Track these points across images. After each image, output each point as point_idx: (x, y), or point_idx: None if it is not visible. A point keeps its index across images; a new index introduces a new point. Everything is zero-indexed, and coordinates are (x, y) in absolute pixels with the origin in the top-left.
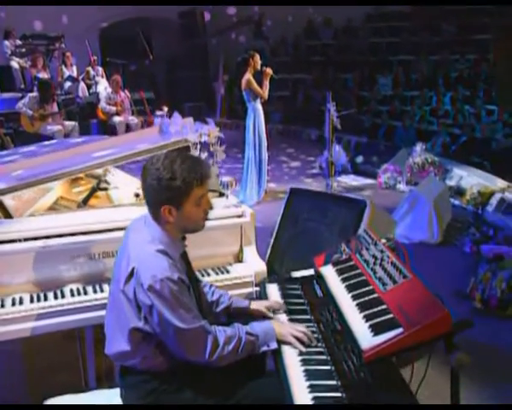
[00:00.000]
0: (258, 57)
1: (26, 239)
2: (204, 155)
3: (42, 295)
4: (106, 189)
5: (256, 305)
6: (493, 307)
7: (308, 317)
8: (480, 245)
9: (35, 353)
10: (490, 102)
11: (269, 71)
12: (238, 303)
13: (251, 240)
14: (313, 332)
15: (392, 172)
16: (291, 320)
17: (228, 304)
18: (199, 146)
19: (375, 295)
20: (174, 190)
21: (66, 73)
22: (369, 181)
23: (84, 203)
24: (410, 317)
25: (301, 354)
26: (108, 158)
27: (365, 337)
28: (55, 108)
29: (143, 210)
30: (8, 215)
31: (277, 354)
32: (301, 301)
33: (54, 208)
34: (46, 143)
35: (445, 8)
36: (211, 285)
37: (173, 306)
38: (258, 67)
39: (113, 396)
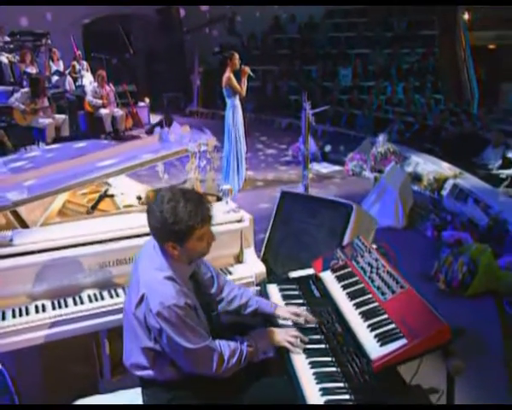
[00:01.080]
0: (237, 57)
1: (45, 250)
2: (203, 163)
3: (62, 302)
4: (113, 195)
5: (281, 311)
6: (455, 288)
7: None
8: (440, 230)
9: (52, 346)
10: (437, 92)
11: (247, 70)
12: (265, 308)
13: (250, 242)
14: (316, 334)
15: (358, 160)
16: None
17: (255, 307)
18: (198, 155)
19: (376, 304)
20: (177, 233)
21: (54, 67)
22: (337, 168)
23: (93, 209)
24: (412, 329)
25: (309, 356)
26: (115, 169)
27: (373, 347)
28: (46, 102)
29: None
30: (23, 223)
31: (286, 357)
32: (301, 301)
33: (62, 212)
34: (50, 147)
35: (397, 6)
36: (240, 287)
37: (180, 329)
38: (238, 65)
39: (135, 397)
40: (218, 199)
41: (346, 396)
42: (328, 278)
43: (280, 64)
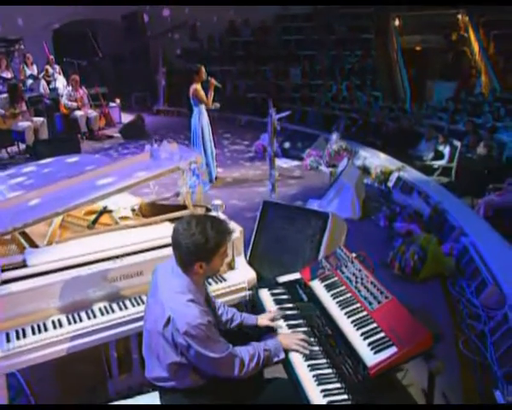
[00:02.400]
0: (203, 70)
1: (59, 270)
2: (193, 178)
3: (76, 317)
4: (111, 211)
5: (262, 320)
6: (409, 273)
7: (302, 322)
8: (391, 220)
9: None
10: (376, 90)
11: (214, 81)
12: (248, 320)
13: (240, 251)
14: (310, 336)
15: (314, 156)
16: (289, 326)
17: (240, 321)
18: (190, 172)
19: (365, 313)
20: (208, 251)
21: (28, 71)
22: (296, 163)
23: (93, 224)
24: (400, 338)
25: (307, 359)
26: (115, 187)
27: (367, 354)
28: (24, 106)
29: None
30: (31, 241)
31: (286, 361)
32: (291, 305)
33: (62, 226)
34: (44, 162)
35: (339, 11)
36: (224, 305)
37: (206, 343)
38: (204, 77)
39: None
40: (208, 210)
41: (345, 396)
42: (317, 287)
43: (237, 65)
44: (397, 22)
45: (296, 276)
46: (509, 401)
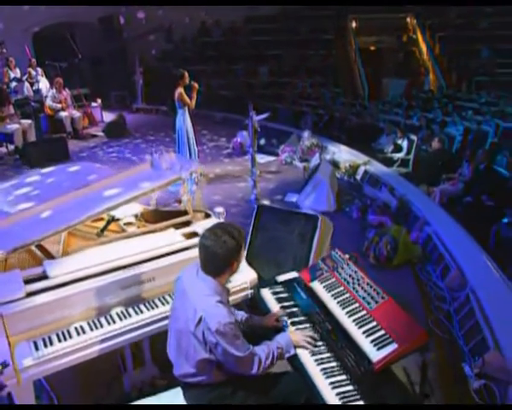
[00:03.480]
0: (187, 75)
1: (79, 280)
2: (194, 187)
3: (97, 322)
4: (119, 219)
5: (268, 319)
6: (383, 261)
7: (303, 318)
8: (363, 212)
9: None
10: (338, 87)
11: (196, 86)
12: (254, 320)
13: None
14: (314, 332)
15: (288, 152)
16: (292, 323)
17: (248, 321)
18: (191, 181)
19: (364, 312)
20: (239, 251)
21: (12, 74)
22: (272, 158)
23: (102, 232)
24: (399, 335)
25: (313, 354)
26: (124, 198)
27: (371, 351)
28: (11, 109)
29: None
30: (47, 253)
31: (294, 357)
32: (292, 303)
33: (71, 233)
34: (46, 171)
35: (301, 14)
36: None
37: (233, 341)
38: (187, 82)
39: (175, 397)
40: (206, 215)
41: (351, 387)
42: (317, 287)
43: (209, 64)
44: (354, 24)
45: (293, 275)
46: (475, 373)
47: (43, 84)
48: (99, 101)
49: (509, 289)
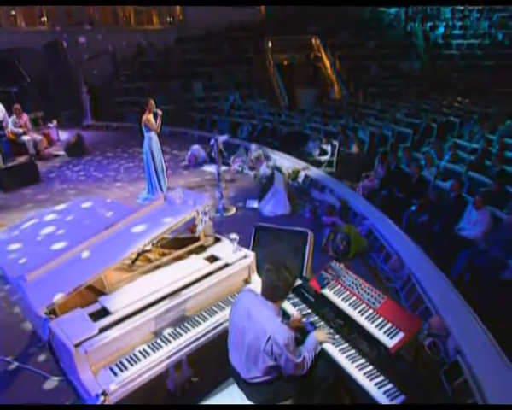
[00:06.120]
0: (152, 102)
1: (137, 312)
2: (205, 218)
3: (156, 344)
4: (148, 251)
5: (292, 323)
6: (340, 254)
7: (317, 318)
8: (315, 213)
9: None
10: (263, 98)
11: (160, 112)
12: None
13: (254, 269)
14: (329, 329)
15: (239, 162)
16: (310, 323)
17: None
18: (202, 214)
19: (372, 311)
20: (293, 284)
21: None
22: (224, 168)
23: (133, 263)
24: (403, 325)
25: (336, 346)
26: (154, 234)
27: (385, 339)
28: None
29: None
30: (97, 290)
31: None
32: (304, 306)
33: None
34: (60, 208)
35: (225, 35)
36: None
37: (293, 351)
38: (154, 109)
39: (235, 396)
40: (217, 239)
41: (371, 367)
42: (328, 293)
43: (148, 82)
44: (270, 44)
45: (298, 282)
46: (425, 334)
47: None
48: (55, 122)
49: (431, 265)
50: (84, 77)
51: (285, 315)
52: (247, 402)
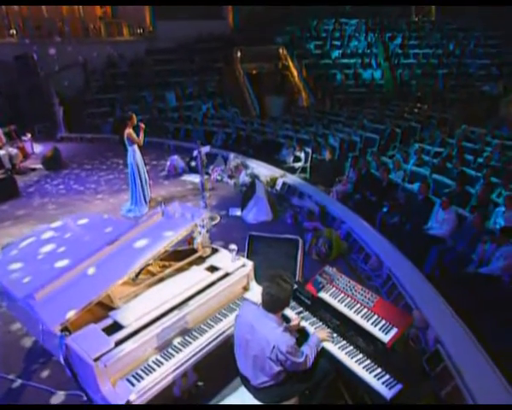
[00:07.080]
0: (134, 117)
1: (148, 324)
2: (202, 231)
3: (168, 353)
4: (149, 264)
5: (293, 325)
6: (323, 257)
7: (315, 319)
8: (296, 219)
9: None
10: (235, 107)
11: (142, 126)
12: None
13: (252, 277)
14: (328, 328)
15: (218, 171)
16: (310, 324)
17: None
18: (200, 226)
19: (366, 310)
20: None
21: None
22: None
23: (137, 277)
24: (396, 321)
25: (335, 343)
26: (158, 249)
27: (381, 335)
28: None
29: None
30: (106, 305)
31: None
32: (302, 309)
33: None
34: (57, 226)
35: (196, 47)
36: None
37: (296, 354)
38: (135, 122)
39: (246, 397)
40: (214, 249)
41: (369, 360)
42: (325, 296)
43: (121, 92)
44: (239, 54)
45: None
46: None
47: None
48: (29, 135)
49: (407, 263)
50: (55, 89)
51: (285, 319)
52: (254, 402)
